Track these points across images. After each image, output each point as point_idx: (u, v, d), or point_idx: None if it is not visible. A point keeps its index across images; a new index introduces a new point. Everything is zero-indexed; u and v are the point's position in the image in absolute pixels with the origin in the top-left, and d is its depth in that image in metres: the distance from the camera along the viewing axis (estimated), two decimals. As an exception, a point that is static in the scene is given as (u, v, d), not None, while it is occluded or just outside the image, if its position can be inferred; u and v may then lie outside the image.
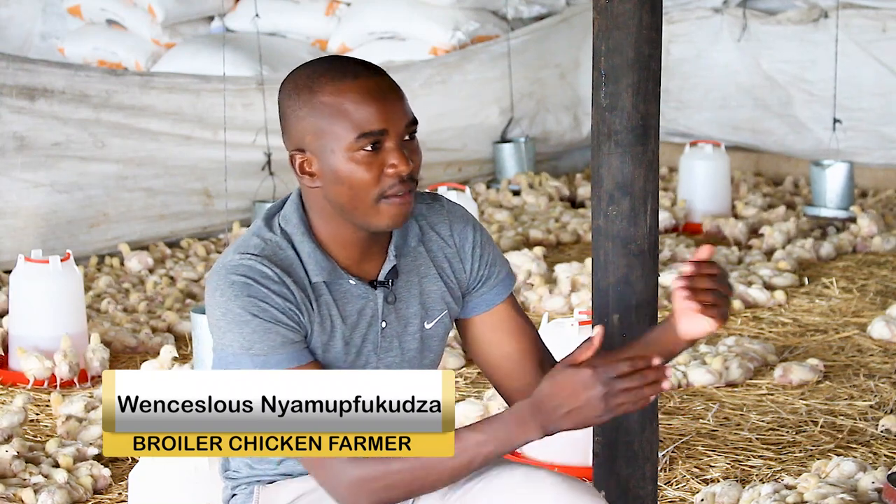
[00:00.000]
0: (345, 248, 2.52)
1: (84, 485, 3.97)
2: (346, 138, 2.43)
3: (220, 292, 2.44)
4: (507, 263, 2.69)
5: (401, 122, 2.45)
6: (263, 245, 2.49)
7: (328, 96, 2.44)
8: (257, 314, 2.42)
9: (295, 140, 2.48)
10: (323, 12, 8.64)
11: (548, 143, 8.61)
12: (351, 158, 2.43)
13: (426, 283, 2.60)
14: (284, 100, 2.49)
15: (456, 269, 2.62)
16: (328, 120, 2.43)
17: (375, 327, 2.55)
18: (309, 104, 2.45)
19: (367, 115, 2.42)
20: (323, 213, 2.51)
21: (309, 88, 2.45)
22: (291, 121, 2.48)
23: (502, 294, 2.65)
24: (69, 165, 6.50)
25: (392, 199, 2.45)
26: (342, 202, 2.46)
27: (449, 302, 2.62)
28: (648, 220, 3.00)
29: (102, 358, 4.98)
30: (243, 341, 2.42)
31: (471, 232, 2.63)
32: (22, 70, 6.36)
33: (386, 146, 2.44)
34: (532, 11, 8.71)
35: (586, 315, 4.10)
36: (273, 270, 2.45)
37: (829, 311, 5.71)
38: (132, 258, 6.47)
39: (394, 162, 2.44)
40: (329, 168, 2.45)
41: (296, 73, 2.50)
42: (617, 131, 2.97)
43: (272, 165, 7.02)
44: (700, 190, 7.34)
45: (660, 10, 2.97)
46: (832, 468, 3.92)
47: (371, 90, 2.45)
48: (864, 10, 8.06)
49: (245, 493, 2.62)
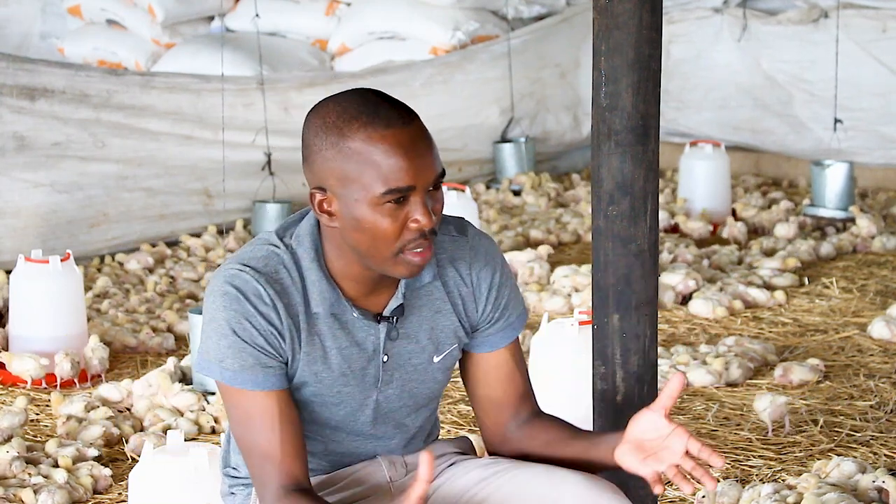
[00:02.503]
0: (354, 282, 2.48)
1: (84, 485, 3.96)
2: (372, 190, 2.36)
3: (212, 298, 2.44)
4: (521, 305, 2.65)
5: (430, 176, 2.39)
6: (267, 261, 2.45)
7: (358, 143, 2.36)
8: (237, 331, 2.41)
9: (318, 178, 2.41)
10: (323, 12, 8.64)
11: (548, 143, 8.61)
12: (375, 209, 2.37)
13: (440, 318, 2.56)
14: (311, 136, 2.42)
15: (468, 308, 2.59)
16: (356, 168, 2.36)
17: (376, 361, 2.52)
18: (336, 147, 2.38)
19: (397, 171, 2.35)
20: (338, 248, 2.46)
21: (338, 130, 2.38)
22: (316, 159, 2.41)
23: (507, 339, 2.62)
24: (69, 165, 6.50)
25: (411, 252, 2.41)
26: (360, 249, 2.42)
27: (461, 336, 2.60)
28: (648, 220, 2.99)
29: (102, 358, 4.98)
30: (218, 352, 2.43)
31: (490, 273, 2.58)
32: (22, 70, 6.36)
33: (411, 200, 2.38)
34: (532, 11, 8.71)
35: (586, 315, 4.10)
36: (267, 291, 2.42)
37: (829, 311, 5.71)
38: (132, 258, 6.47)
39: (418, 217, 2.38)
40: (350, 214, 2.39)
41: (325, 107, 2.42)
42: (617, 131, 2.96)
43: (272, 165, 7.02)
44: (700, 190, 7.34)
45: (660, 10, 2.97)
46: (832, 468, 3.91)
47: (403, 143, 2.36)
48: (864, 10, 8.05)
49: (243, 495, 2.62)
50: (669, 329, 5.48)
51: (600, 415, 3.08)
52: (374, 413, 2.55)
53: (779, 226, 6.86)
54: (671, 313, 5.68)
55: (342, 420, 2.54)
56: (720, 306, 5.61)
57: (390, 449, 2.61)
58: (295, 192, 7.19)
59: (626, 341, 3.01)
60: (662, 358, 4.94)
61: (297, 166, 7.25)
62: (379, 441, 2.60)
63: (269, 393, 2.43)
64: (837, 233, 6.95)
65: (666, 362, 4.90)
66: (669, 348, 5.13)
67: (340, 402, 2.51)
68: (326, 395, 2.50)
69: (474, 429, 4.45)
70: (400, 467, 2.62)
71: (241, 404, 2.44)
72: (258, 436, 2.43)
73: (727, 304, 5.65)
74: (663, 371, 4.81)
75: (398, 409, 2.58)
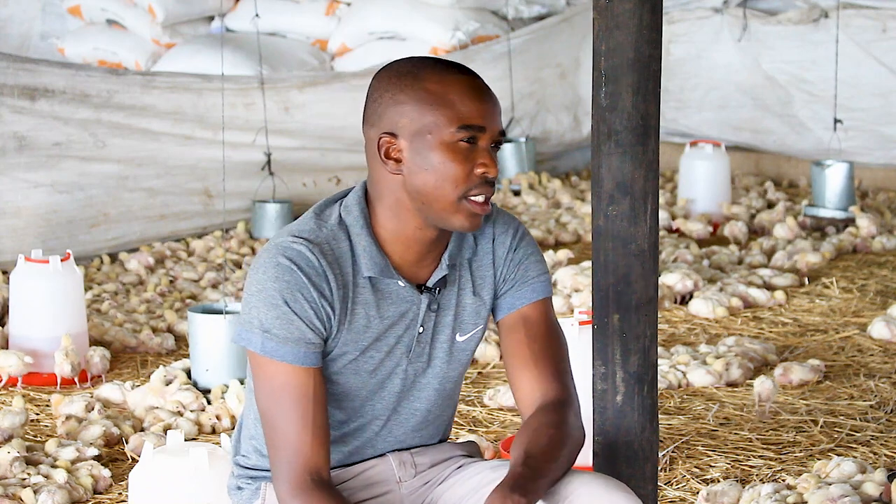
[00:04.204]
0: (402, 247, 2.53)
1: (84, 485, 3.97)
2: (446, 127, 2.45)
3: (262, 270, 2.46)
4: (543, 268, 2.65)
5: (497, 125, 2.50)
6: (318, 231, 2.50)
7: (434, 84, 2.47)
8: (288, 302, 2.44)
9: (386, 124, 2.48)
10: (323, 12, 8.64)
11: (548, 143, 8.61)
12: (447, 147, 2.46)
13: (463, 295, 2.60)
14: (382, 84, 2.50)
15: (487, 282, 2.62)
16: (431, 107, 2.46)
17: (412, 331, 2.56)
18: (412, 89, 2.47)
19: (471, 109, 2.46)
20: (393, 206, 2.51)
21: (414, 76, 2.48)
22: (387, 105, 2.48)
23: (525, 298, 2.61)
24: (70, 165, 6.50)
25: (473, 200, 2.47)
26: (425, 191, 2.47)
27: (484, 317, 2.62)
28: (648, 220, 3.00)
29: (103, 357, 4.98)
30: (265, 321, 2.45)
31: (509, 238, 2.63)
32: (23, 70, 6.36)
33: (480, 145, 2.48)
34: (532, 11, 8.71)
35: (586, 315, 4.11)
36: (320, 261, 2.46)
37: (829, 311, 5.71)
38: (132, 258, 6.48)
39: (484, 161, 2.47)
40: (420, 154, 2.47)
41: (396, 63, 2.53)
42: (617, 131, 2.97)
43: (272, 165, 7.02)
44: (700, 190, 7.34)
45: (660, 10, 2.97)
46: (832, 468, 3.92)
47: (476, 87, 2.49)
48: (864, 10, 8.06)
49: (251, 490, 2.63)
50: (669, 329, 5.48)
51: (600, 415, 3.08)
52: (402, 384, 2.58)
53: (778, 226, 6.86)
54: (671, 313, 5.68)
55: (372, 391, 2.56)
56: (720, 306, 5.62)
57: (403, 439, 2.62)
58: (295, 192, 7.20)
59: (626, 341, 3.02)
60: (662, 358, 4.95)
61: (297, 166, 7.34)
62: (398, 425, 2.61)
63: (307, 370, 2.46)
64: (837, 233, 6.96)
65: (666, 362, 4.90)
66: (669, 348, 5.13)
67: (374, 368, 2.54)
68: (361, 361, 2.53)
69: (475, 429, 4.45)
70: (410, 468, 2.63)
71: (277, 377, 2.46)
72: (288, 410, 2.45)
73: (727, 304, 5.65)
74: (663, 371, 4.81)
75: (424, 385, 2.60)
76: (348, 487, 2.59)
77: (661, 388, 4.74)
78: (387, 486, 2.61)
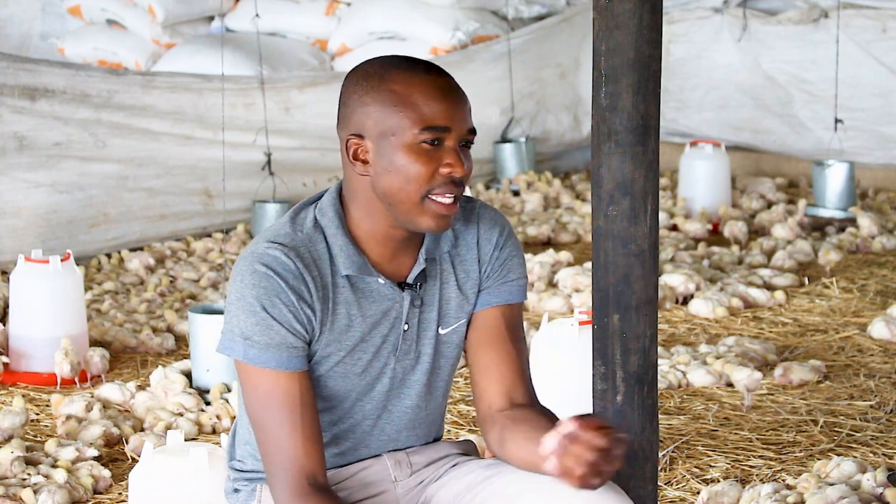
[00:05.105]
0: (378, 245, 2.53)
1: (84, 485, 3.97)
2: (409, 129, 2.45)
3: (240, 278, 2.47)
4: (523, 272, 2.65)
5: (464, 125, 2.48)
6: (293, 235, 2.50)
7: (398, 85, 2.46)
8: (266, 307, 2.44)
9: (354, 125, 2.49)
10: (323, 12, 8.64)
11: (548, 143, 8.61)
12: (410, 149, 2.45)
13: (446, 289, 2.60)
14: (351, 86, 2.50)
15: (471, 277, 2.62)
16: (395, 108, 2.45)
17: (397, 329, 2.56)
18: (377, 90, 2.47)
19: (435, 110, 2.45)
20: (365, 206, 2.51)
21: (380, 76, 2.47)
22: (355, 106, 2.49)
23: (500, 298, 2.62)
24: (70, 165, 6.50)
25: (438, 200, 2.46)
26: (391, 192, 2.46)
27: (467, 312, 2.62)
28: (648, 220, 2.99)
29: (102, 357, 4.98)
30: (245, 329, 2.46)
31: (495, 235, 2.63)
32: (23, 70, 6.36)
33: (445, 145, 2.47)
34: (532, 11, 8.71)
35: (586, 315, 4.11)
36: (296, 265, 2.46)
37: (829, 311, 5.71)
38: (132, 258, 6.48)
39: (450, 161, 2.46)
40: (385, 156, 2.46)
41: (366, 63, 2.53)
42: (617, 131, 2.96)
43: (272, 165, 7.02)
44: (700, 190, 7.34)
45: (660, 9, 2.97)
46: (832, 468, 3.92)
47: (441, 87, 2.48)
48: (864, 10, 8.06)
49: (248, 491, 2.63)
50: (669, 329, 5.48)
51: (600, 415, 3.08)
52: (390, 383, 2.58)
53: (778, 226, 6.86)
54: (671, 313, 5.68)
55: (362, 392, 2.56)
56: (720, 306, 5.62)
57: (396, 437, 2.62)
58: (295, 192, 7.20)
59: (626, 341, 3.01)
60: (662, 358, 4.95)
61: (297, 166, 7.35)
62: (389, 424, 2.61)
63: (292, 374, 2.46)
64: (837, 233, 6.96)
65: (666, 362, 4.90)
66: (669, 348, 5.13)
67: (362, 370, 2.54)
68: (349, 363, 2.53)
69: (474, 429, 4.45)
70: (405, 467, 2.63)
71: (262, 384, 2.47)
72: (277, 416, 2.45)
73: (727, 304, 5.65)
74: (663, 371, 4.81)
75: (413, 382, 2.60)
76: (344, 488, 2.59)
77: (661, 388, 4.74)
78: (382, 486, 2.61)
